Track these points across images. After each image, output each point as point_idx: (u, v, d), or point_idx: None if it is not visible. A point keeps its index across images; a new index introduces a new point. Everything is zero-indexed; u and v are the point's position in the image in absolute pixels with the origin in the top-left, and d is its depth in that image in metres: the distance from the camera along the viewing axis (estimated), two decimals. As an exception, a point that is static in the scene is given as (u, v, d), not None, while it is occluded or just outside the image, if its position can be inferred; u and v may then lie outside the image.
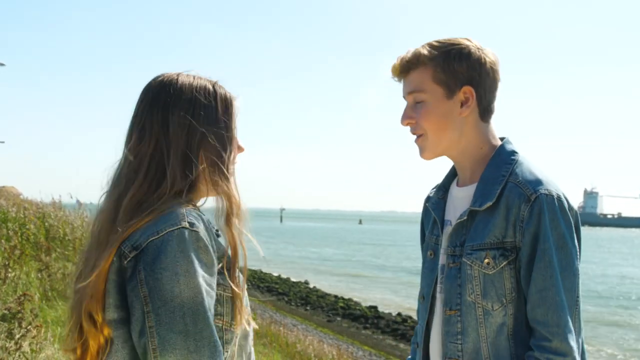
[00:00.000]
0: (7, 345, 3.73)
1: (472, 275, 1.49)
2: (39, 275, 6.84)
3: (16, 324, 3.89)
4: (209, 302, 1.18)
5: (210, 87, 1.33)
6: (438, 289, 1.61)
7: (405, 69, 1.58)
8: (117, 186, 1.28)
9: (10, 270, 5.93)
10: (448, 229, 1.61)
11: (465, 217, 1.54)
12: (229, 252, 1.28)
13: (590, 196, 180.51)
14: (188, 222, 1.19)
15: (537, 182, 1.47)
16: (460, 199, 1.61)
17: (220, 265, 1.25)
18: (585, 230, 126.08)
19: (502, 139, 1.63)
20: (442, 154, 1.63)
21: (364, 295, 22.12)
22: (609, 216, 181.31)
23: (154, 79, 1.34)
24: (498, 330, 1.47)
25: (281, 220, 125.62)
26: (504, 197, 1.48)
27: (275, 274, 26.70)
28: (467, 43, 1.56)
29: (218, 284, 1.23)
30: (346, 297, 20.83)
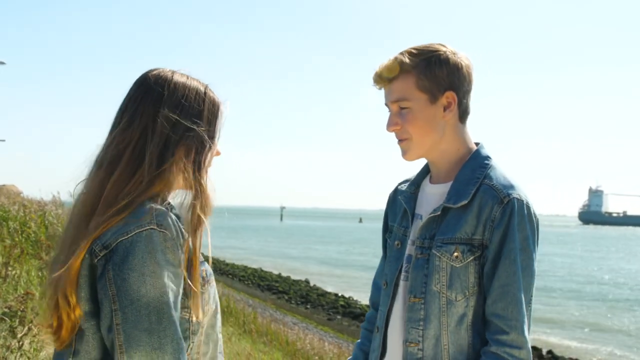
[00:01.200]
0: (7, 344, 3.74)
1: (440, 267, 1.59)
2: (40, 273, 6.85)
3: (18, 322, 3.90)
4: (175, 300, 1.25)
5: (202, 89, 1.41)
6: (402, 276, 1.69)
7: (388, 77, 1.65)
8: (100, 169, 1.33)
9: (10, 268, 5.94)
10: (418, 222, 1.70)
11: (438, 213, 1.63)
12: (190, 244, 1.33)
13: (595, 194, 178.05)
14: (156, 223, 1.25)
15: (510, 187, 1.58)
16: (433, 195, 1.71)
17: (187, 259, 1.31)
18: (590, 229, 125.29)
19: (477, 143, 1.73)
20: (423, 156, 1.72)
21: (364, 293, 22.12)
22: (614, 214, 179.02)
23: (150, 72, 1.41)
24: (459, 320, 1.58)
25: (281, 219, 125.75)
26: (477, 197, 1.59)
27: (276, 273, 26.73)
28: (444, 49, 1.65)
29: (184, 279, 1.29)
30: (346, 295, 20.88)
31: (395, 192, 1.87)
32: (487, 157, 1.67)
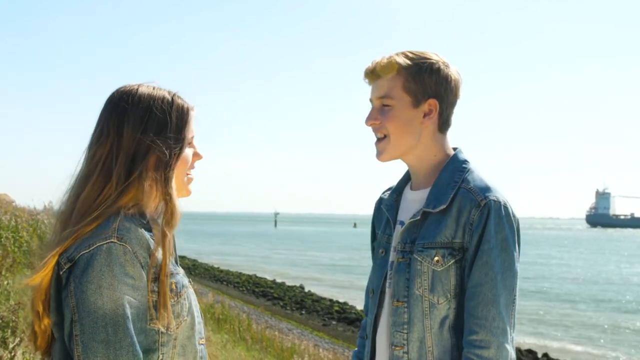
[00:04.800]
0: (0, 354, 3.71)
1: (422, 271, 1.62)
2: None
3: (10, 333, 3.87)
4: (134, 312, 1.27)
5: (168, 97, 1.44)
6: (387, 283, 1.73)
7: (379, 74, 1.69)
8: (75, 186, 1.40)
9: (2, 278, 5.90)
10: (398, 228, 1.74)
11: (418, 217, 1.67)
12: (158, 255, 1.35)
13: (603, 197, 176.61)
14: (117, 237, 1.29)
15: (487, 189, 1.62)
16: (413, 202, 1.74)
17: (154, 273, 1.34)
18: (597, 232, 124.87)
19: (454, 148, 1.77)
20: (398, 157, 1.76)
21: (359, 298, 22.07)
22: (622, 217, 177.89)
23: (117, 89, 1.45)
24: (441, 323, 1.61)
25: (275, 225, 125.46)
26: (456, 201, 1.63)
27: (270, 279, 26.68)
28: (437, 58, 1.69)
29: (152, 291, 1.33)
30: (341, 300, 20.83)
31: (380, 201, 1.92)
32: (465, 161, 1.71)
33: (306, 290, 23.80)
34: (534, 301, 22.21)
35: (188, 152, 1.47)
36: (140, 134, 1.38)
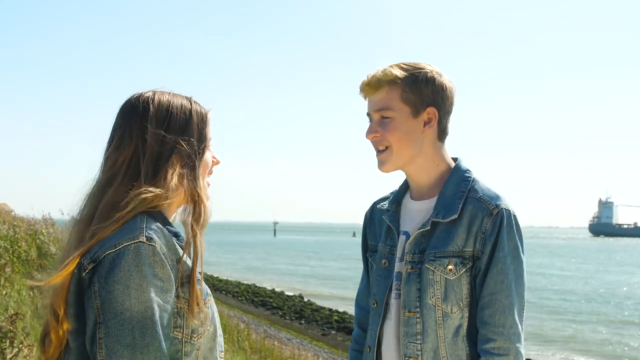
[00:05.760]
0: (-2, 365, 3.68)
1: (434, 280, 1.63)
2: (31, 293, 6.78)
3: (8, 343, 3.85)
4: (162, 315, 1.22)
5: (186, 102, 1.44)
6: (393, 294, 1.72)
7: (375, 87, 1.71)
8: (95, 191, 1.36)
9: (1, 288, 5.88)
10: (404, 239, 1.74)
11: (428, 227, 1.67)
12: (186, 258, 1.32)
13: (605, 206, 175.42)
14: (146, 236, 1.24)
15: (497, 198, 1.66)
16: (418, 212, 1.74)
17: (181, 277, 1.29)
18: (600, 241, 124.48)
19: (454, 158, 1.79)
20: (400, 168, 1.76)
21: (359, 308, 21.93)
22: (625, 226, 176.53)
23: (132, 95, 1.44)
24: (455, 332, 1.62)
25: (275, 234, 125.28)
26: (466, 210, 1.65)
27: (269, 288, 26.62)
28: (431, 68, 1.72)
29: (179, 297, 1.28)
30: (341, 310, 20.76)
31: (372, 211, 1.92)
32: (467, 170, 1.74)
33: (305, 299, 23.71)
34: (535, 313, 22.14)
35: (209, 154, 1.46)
36: (164, 133, 1.37)
